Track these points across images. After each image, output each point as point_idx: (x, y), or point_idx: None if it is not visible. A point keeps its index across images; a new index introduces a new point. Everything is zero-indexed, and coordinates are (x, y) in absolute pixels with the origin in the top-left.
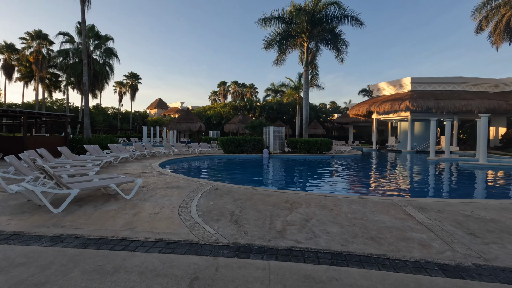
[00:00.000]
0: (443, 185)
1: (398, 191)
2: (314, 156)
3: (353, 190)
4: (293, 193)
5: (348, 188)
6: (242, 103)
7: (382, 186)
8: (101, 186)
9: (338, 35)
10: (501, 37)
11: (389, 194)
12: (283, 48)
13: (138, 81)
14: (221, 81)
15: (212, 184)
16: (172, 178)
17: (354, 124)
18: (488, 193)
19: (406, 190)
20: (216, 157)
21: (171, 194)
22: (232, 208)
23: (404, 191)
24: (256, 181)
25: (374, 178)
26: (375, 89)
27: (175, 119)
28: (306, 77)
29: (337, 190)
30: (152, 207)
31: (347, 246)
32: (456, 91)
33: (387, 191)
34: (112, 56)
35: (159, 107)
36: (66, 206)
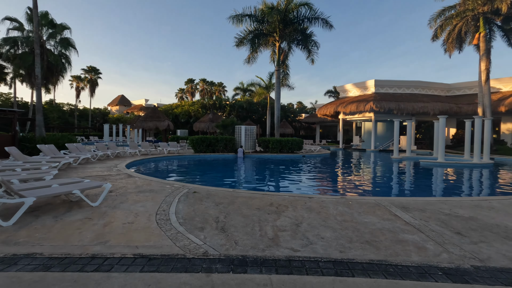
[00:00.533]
0: (416, 184)
1: (376, 190)
2: (286, 156)
3: (333, 190)
4: (276, 195)
5: (327, 188)
6: (212, 102)
7: (359, 185)
8: (62, 192)
9: (309, 36)
10: (453, 45)
11: (368, 193)
12: (255, 46)
13: (98, 76)
14: (189, 78)
15: (189, 186)
16: (143, 181)
17: (321, 124)
18: (457, 190)
19: (383, 189)
20: (187, 157)
21: (145, 199)
22: (216, 213)
23: (382, 190)
24: (234, 182)
25: (349, 178)
26: (341, 90)
27: (141, 117)
28: (278, 77)
29: (317, 190)
30: (125, 216)
31: (346, 252)
32: (414, 94)
33: (366, 191)
34: (69, 47)
35: (121, 104)
36: (19, 217)
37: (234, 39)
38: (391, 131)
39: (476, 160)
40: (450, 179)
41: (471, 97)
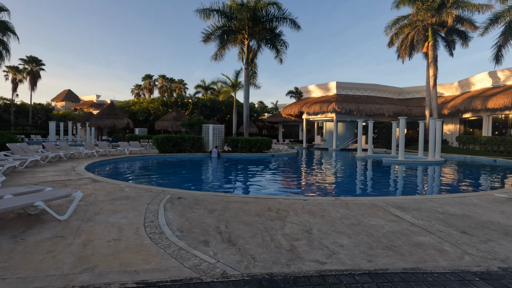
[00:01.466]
0: (393, 182)
1: (360, 189)
2: (256, 155)
3: (319, 190)
4: (269, 198)
5: (312, 188)
6: (173, 99)
7: (340, 185)
8: (21, 206)
9: (278, 35)
10: (406, 52)
11: (354, 193)
12: (223, 43)
13: (41, 68)
14: (146, 74)
15: (169, 191)
16: (112, 186)
17: (284, 124)
18: (432, 186)
19: (366, 189)
20: (152, 157)
21: (123, 208)
22: (214, 222)
23: (366, 190)
24: (216, 185)
25: (327, 177)
26: (304, 91)
27: (96, 114)
28: (247, 75)
29: (303, 190)
30: (107, 231)
31: (374, 261)
32: (371, 96)
33: (351, 190)
34: (7, 32)
35: (68, 100)
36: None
37: (201, 34)
38: (350, 131)
39: (430, 158)
40: (419, 176)
41: (419, 100)
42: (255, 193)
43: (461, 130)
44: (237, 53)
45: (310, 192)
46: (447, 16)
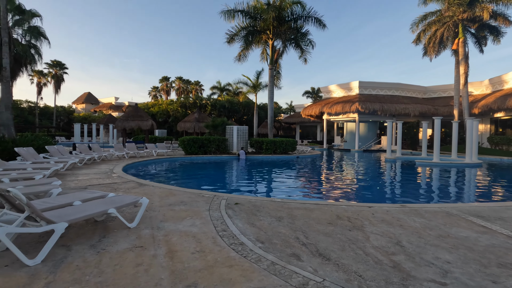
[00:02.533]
0: (443, 186)
1: (416, 194)
2: (281, 157)
3: (372, 195)
4: (330, 204)
5: (362, 192)
6: (191, 101)
7: (390, 189)
8: (97, 214)
9: (305, 35)
10: (434, 49)
11: (411, 198)
12: (248, 43)
13: (64, 71)
14: (164, 76)
15: (221, 196)
16: (160, 190)
17: (301, 124)
18: (490, 191)
19: (423, 194)
20: (180, 159)
21: (186, 215)
22: (289, 232)
23: (424, 195)
24: (263, 188)
25: (368, 180)
26: (325, 91)
27: (122, 116)
28: (272, 76)
29: (354, 195)
30: (184, 240)
31: (499, 282)
32: (395, 96)
33: (406, 195)
34: (39, 37)
35: (88, 102)
36: (48, 252)
37: (225, 35)
38: (372, 131)
39: (467, 160)
40: (468, 179)
41: (445, 100)
42: (303, 198)
43: (491, 130)
44: (260, 54)
45: (362, 197)
46: (482, 11)
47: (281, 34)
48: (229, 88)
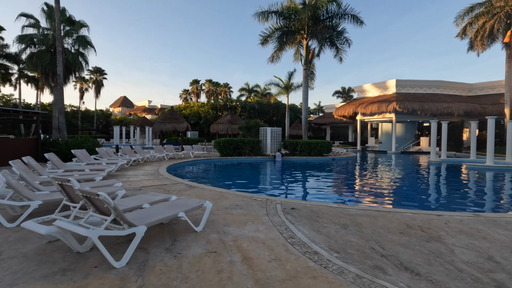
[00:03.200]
0: (507, 193)
1: (483, 203)
2: (317, 159)
3: (432, 202)
4: (395, 212)
5: (421, 197)
6: (222, 103)
7: (448, 195)
8: (170, 217)
9: (341, 33)
10: (483, 43)
11: (484, 207)
12: (282, 44)
13: (104, 77)
14: (194, 79)
15: (274, 200)
16: (211, 192)
17: (331, 125)
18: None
19: (489, 201)
20: (217, 161)
21: (246, 219)
22: (362, 242)
23: (491, 203)
24: (308, 192)
25: (419, 185)
26: (359, 91)
27: (159, 119)
28: (306, 76)
29: (414, 201)
30: (255, 247)
31: None
32: (436, 94)
33: (470, 202)
34: (87, 46)
35: (124, 106)
36: (130, 255)
37: (259, 36)
38: (410, 132)
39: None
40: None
41: (494, 97)
42: (358, 203)
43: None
44: (293, 54)
45: (421, 204)
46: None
47: (317, 34)
48: (257, 89)
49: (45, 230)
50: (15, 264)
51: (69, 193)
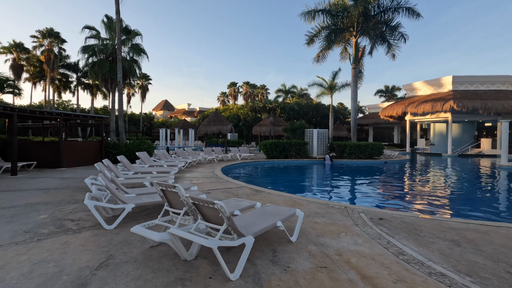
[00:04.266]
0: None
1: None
2: (367, 162)
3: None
4: (508, 227)
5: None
6: (261, 104)
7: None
8: (271, 226)
9: (395, 28)
10: None
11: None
12: (331, 42)
13: (149, 82)
14: (231, 81)
15: (353, 208)
16: (281, 197)
17: (374, 126)
18: None
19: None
20: (266, 163)
21: (337, 230)
22: (491, 263)
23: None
24: (381, 199)
25: (508, 194)
26: (408, 89)
27: (205, 122)
28: (355, 75)
29: (507, 213)
30: (367, 263)
31: None
32: (500, 91)
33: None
34: (140, 53)
35: (165, 109)
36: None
37: (305, 36)
38: (468, 133)
39: None
40: None
41: None
42: (441, 214)
43: None
44: (339, 53)
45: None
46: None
47: (369, 30)
48: (293, 90)
49: (158, 237)
50: (132, 269)
51: (170, 198)
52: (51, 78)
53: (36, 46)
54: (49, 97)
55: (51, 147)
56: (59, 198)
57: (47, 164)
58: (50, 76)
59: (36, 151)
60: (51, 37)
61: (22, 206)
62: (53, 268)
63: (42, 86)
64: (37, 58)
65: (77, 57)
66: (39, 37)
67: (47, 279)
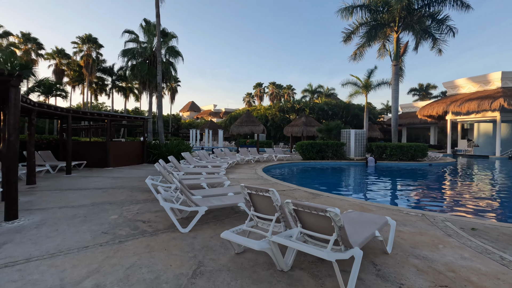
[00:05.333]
0: None
1: None
2: (412, 164)
3: None
4: None
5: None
6: (290, 104)
7: None
8: (370, 237)
9: (441, 22)
10: None
11: None
12: (370, 39)
13: (178, 84)
14: (257, 82)
15: (436, 216)
16: (348, 203)
17: (408, 126)
18: None
19: None
20: (304, 164)
21: (430, 240)
22: None
23: None
24: (451, 206)
25: None
26: (450, 87)
27: (237, 122)
28: (396, 73)
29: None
30: (493, 283)
31: None
32: None
33: None
34: (176, 56)
35: (192, 110)
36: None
37: (342, 33)
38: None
39: None
40: None
41: None
42: None
43: None
44: (377, 50)
45: None
46: None
47: (413, 25)
48: (320, 90)
49: (258, 246)
50: (230, 279)
51: (257, 203)
52: (89, 81)
53: (76, 52)
54: (86, 99)
55: (99, 147)
56: (119, 198)
57: (95, 164)
58: (88, 80)
59: (84, 151)
60: (90, 43)
61: (89, 206)
62: (147, 274)
63: (80, 89)
64: (76, 63)
65: (112, 61)
66: (79, 43)
67: (147, 286)
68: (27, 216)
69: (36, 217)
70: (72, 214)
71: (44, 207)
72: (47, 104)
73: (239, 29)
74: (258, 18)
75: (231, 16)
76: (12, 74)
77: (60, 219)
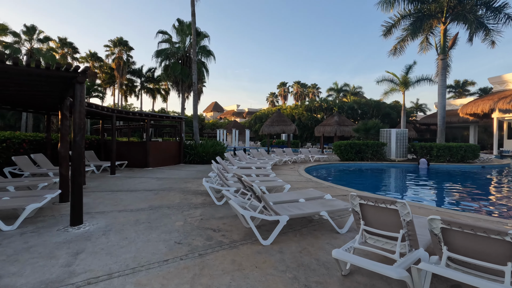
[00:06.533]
0: None
1: None
2: (463, 166)
3: None
4: None
5: None
6: (317, 104)
7: None
8: None
9: (498, 10)
10: None
11: None
12: (416, 31)
13: (203, 85)
14: (281, 82)
15: None
16: (426, 210)
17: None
18: None
19: None
20: (343, 165)
21: None
22: None
23: None
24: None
25: None
26: (497, 82)
27: (267, 122)
28: (444, 67)
29: None
30: None
31: None
32: None
33: None
34: (209, 55)
35: (215, 110)
36: None
37: (382, 27)
38: None
39: None
40: None
41: None
42: None
43: None
44: (418, 44)
45: None
46: None
47: (465, 14)
48: (346, 88)
49: (397, 275)
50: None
51: (371, 215)
52: (120, 83)
53: (108, 55)
54: (117, 100)
55: (139, 147)
56: (174, 201)
57: (135, 164)
58: (119, 81)
59: (125, 150)
60: (121, 46)
61: (148, 209)
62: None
63: (111, 91)
64: (108, 66)
65: (140, 63)
66: (111, 46)
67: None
68: (90, 220)
69: (99, 222)
70: (134, 219)
71: (103, 210)
72: (94, 104)
73: (259, 29)
74: (278, 18)
75: (250, 15)
76: (78, 69)
77: (124, 225)
